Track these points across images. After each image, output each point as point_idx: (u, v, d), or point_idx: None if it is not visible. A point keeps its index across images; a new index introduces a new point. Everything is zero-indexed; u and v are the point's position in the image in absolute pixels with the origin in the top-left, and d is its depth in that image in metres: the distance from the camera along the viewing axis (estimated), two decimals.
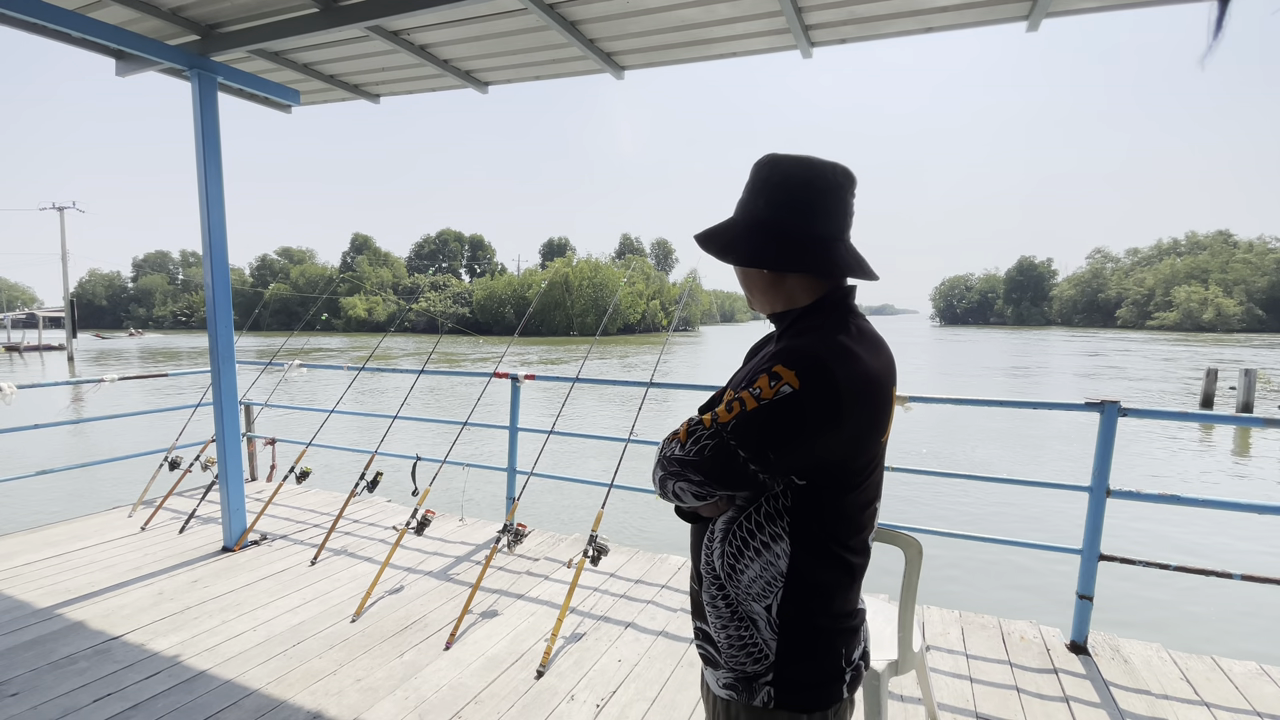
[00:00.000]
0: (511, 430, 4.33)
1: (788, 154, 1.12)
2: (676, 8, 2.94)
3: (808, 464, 1.03)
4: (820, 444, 1.01)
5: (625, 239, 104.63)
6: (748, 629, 1.10)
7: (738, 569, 1.10)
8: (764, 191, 1.10)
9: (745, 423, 1.00)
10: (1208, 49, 0.87)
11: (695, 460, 1.03)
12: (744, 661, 1.11)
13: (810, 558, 1.07)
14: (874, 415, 1.06)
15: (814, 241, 1.08)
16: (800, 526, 1.07)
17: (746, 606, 1.10)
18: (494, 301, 75.71)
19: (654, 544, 7.12)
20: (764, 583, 1.08)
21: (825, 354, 1.01)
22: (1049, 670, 2.74)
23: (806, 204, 1.08)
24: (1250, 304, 77.59)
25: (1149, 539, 7.49)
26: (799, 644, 1.08)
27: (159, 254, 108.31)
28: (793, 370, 0.99)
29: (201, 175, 3.62)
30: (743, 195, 1.15)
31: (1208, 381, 18.19)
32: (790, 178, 1.09)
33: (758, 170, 1.13)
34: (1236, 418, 2.89)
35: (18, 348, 41.81)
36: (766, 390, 1.00)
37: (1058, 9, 2.76)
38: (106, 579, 3.51)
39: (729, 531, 1.11)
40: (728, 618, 1.13)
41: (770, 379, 1.00)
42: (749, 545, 1.09)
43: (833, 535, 1.08)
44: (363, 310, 77.73)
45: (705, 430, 1.03)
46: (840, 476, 1.06)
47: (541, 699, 2.51)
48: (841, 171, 1.11)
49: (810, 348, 1.02)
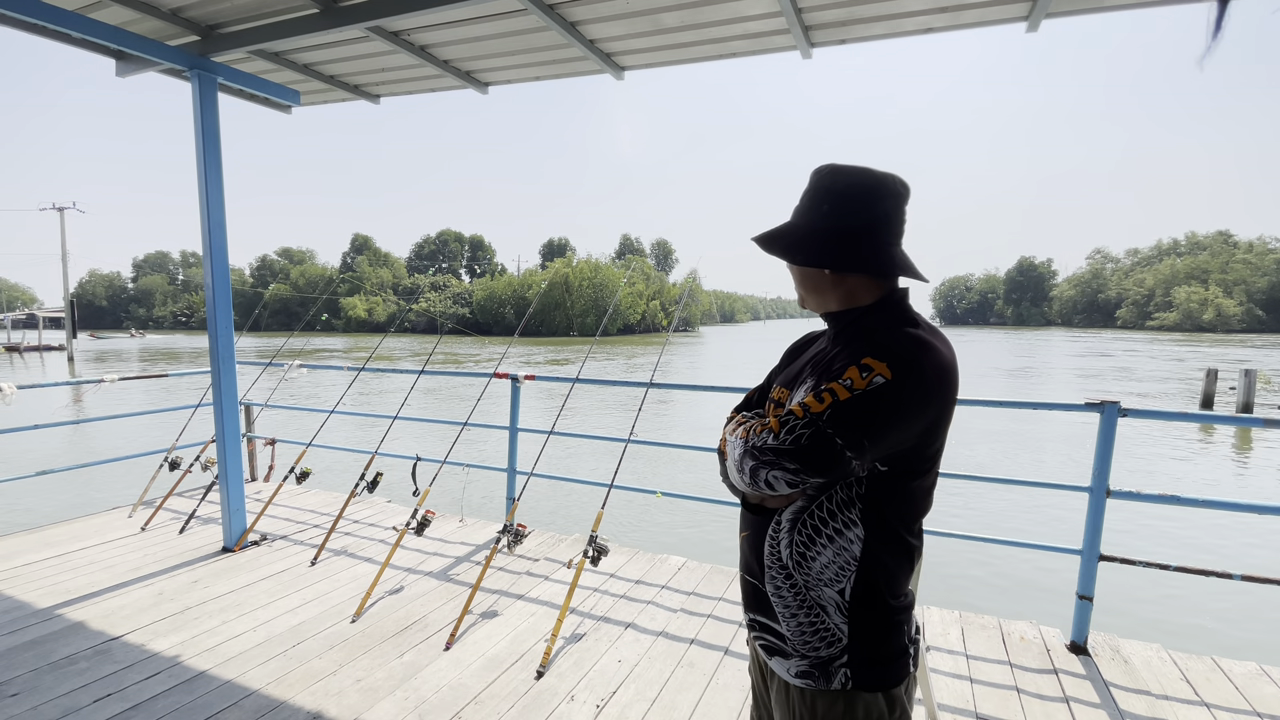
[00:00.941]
0: (511, 430, 4.33)
1: (848, 164, 1.20)
2: (676, 8, 2.94)
3: (894, 450, 1.10)
4: (909, 430, 1.08)
5: (625, 239, 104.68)
6: (817, 615, 1.15)
7: (808, 557, 1.15)
8: (828, 198, 1.18)
9: (841, 411, 1.05)
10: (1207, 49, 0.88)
11: (791, 449, 1.07)
12: (817, 647, 1.15)
13: (881, 543, 1.13)
14: (951, 402, 1.13)
15: (876, 245, 1.17)
16: (872, 512, 1.13)
17: (816, 593, 1.15)
18: (494, 302, 75.72)
19: (654, 544, 7.12)
20: (836, 568, 1.13)
21: (912, 345, 1.09)
22: (1049, 671, 2.74)
23: (870, 210, 1.17)
24: (1250, 304, 77.61)
25: (1149, 539, 7.49)
26: (871, 625, 1.14)
27: (159, 254, 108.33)
28: (884, 361, 1.06)
29: (202, 175, 3.62)
30: (804, 201, 1.23)
31: (1208, 382, 18.20)
32: (855, 185, 1.17)
33: (821, 178, 1.21)
34: (1236, 418, 2.90)
35: (18, 348, 41.81)
36: (859, 381, 1.05)
37: (1058, 9, 2.76)
38: (106, 579, 3.51)
39: (798, 521, 1.16)
40: (795, 606, 1.17)
41: (861, 370, 1.06)
42: (820, 533, 1.14)
43: (901, 520, 1.15)
44: (363, 311, 77.72)
45: (799, 420, 1.07)
46: (916, 462, 1.13)
47: (541, 699, 2.51)
48: (900, 182, 1.19)
49: (897, 340, 1.09)
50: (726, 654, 2.85)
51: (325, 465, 9.81)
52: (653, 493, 3.95)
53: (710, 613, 3.25)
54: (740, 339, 69.28)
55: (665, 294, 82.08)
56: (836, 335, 1.24)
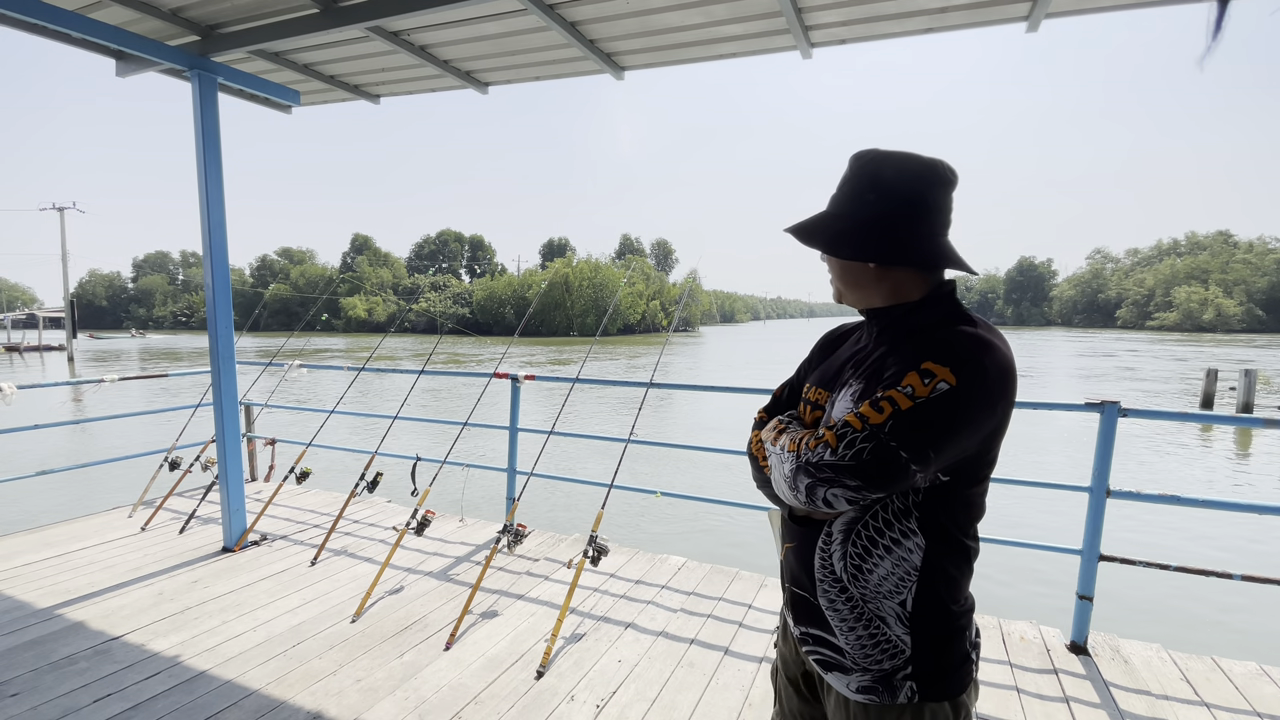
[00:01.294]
0: (511, 430, 4.33)
1: (891, 149, 1.11)
2: (676, 8, 2.94)
3: (958, 458, 1.03)
4: (974, 437, 1.01)
5: (625, 239, 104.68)
6: (877, 627, 1.09)
7: (864, 569, 1.09)
8: (874, 186, 1.10)
9: (903, 422, 0.97)
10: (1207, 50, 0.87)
11: (851, 465, 0.99)
12: (879, 660, 1.09)
13: (941, 550, 1.08)
14: (1013, 404, 1.05)
15: (926, 236, 1.09)
16: (930, 520, 1.07)
17: (874, 606, 1.09)
18: (494, 302, 75.72)
19: (654, 544, 7.12)
20: (896, 579, 1.08)
21: (975, 347, 1.00)
22: (1049, 670, 2.74)
23: (919, 198, 1.08)
24: (1250, 304, 77.59)
25: (1149, 539, 7.49)
26: (934, 635, 1.09)
27: (159, 254, 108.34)
28: (947, 366, 0.98)
29: (202, 176, 3.62)
30: (845, 189, 1.14)
31: (1208, 382, 18.20)
32: (904, 172, 1.08)
33: (865, 164, 1.12)
34: (1236, 418, 2.90)
35: (18, 348, 41.81)
36: (920, 388, 0.98)
37: (1058, 9, 2.76)
38: (106, 579, 3.51)
39: (851, 532, 1.10)
40: (853, 620, 1.11)
41: (922, 376, 0.98)
42: (877, 544, 1.08)
43: (959, 526, 1.09)
44: (363, 311, 77.70)
45: (858, 433, 0.99)
46: (976, 469, 1.07)
47: (541, 699, 2.50)
48: (949, 168, 1.10)
49: (958, 342, 1.01)
50: (726, 654, 2.85)
51: (325, 465, 9.80)
52: (653, 493, 3.95)
53: (710, 613, 3.25)
54: (740, 339, 69.26)
55: (665, 294, 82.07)
56: (880, 333, 1.16)
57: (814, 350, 1.35)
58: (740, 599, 3.38)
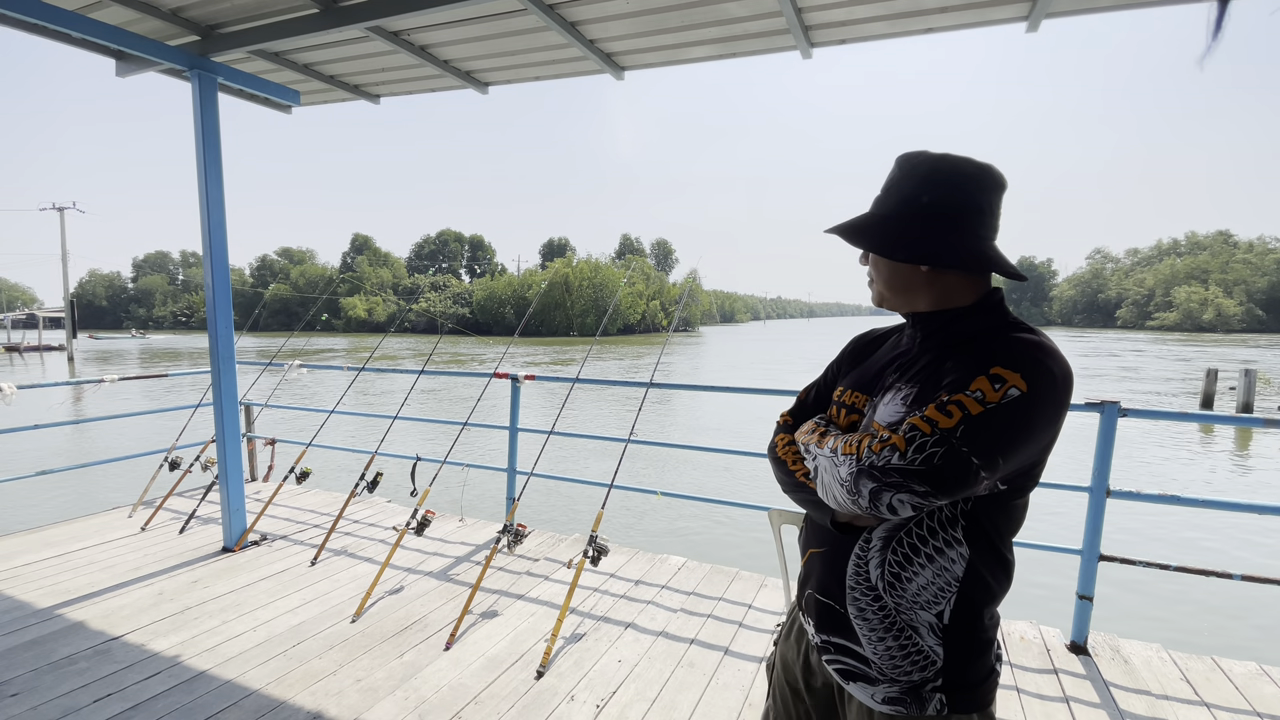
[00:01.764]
0: (511, 431, 4.33)
1: (941, 152, 1.11)
2: (676, 8, 2.94)
3: (1022, 466, 1.01)
4: (1039, 444, 1.00)
5: (625, 239, 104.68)
6: (909, 638, 1.07)
7: (903, 578, 1.07)
8: (927, 188, 1.08)
9: (975, 427, 0.95)
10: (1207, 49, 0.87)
11: (922, 470, 0.95)
12: (909, 671, 1.07)
13: (985, 561, 1.06)
14: (1067, 411, 1.04)
15: (979, 240, 1.08)
16: (975, 530, 1.05)
17: (909, 616, 1.07)
18: (494, 302, 75.70)
19: (654, 544, 7.12)
20: (935, 590, 1.06)
21: (1041, 354, 0.99)
22: (1049, 670, 2.74)
23: (974, 203, 1.08)
24: (1250, 304, 77.60)
25: (1149, 539, 7.49)
26: (967, 647, 1.07)
27: (159, 254, 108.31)
28: (1018, 373, 0.96)
29: (202, 176, 3.62)
30: (894, 190, 1.12)
31: (1208, 382, 18.20)
32: (958, 174, 1.08)
33: (916, 165, 1.11)
34: (1236, 418, 2.90)
35: (18, 348, 41.82)
36: (991, 393, 0.96)
37: (1058, 9, 2.76)
38: (106, 579, 3.51)
39: (892, 539, 1.08)
40: (883, 630, 1.09)
41: (992, 382, 0.97)
42: (919, 553, 1.06)
43: (1002, 536, 1.08)
44: (363, 311, 77.70)
45: (928, 437, 0.96)
46: (1028, 479, 1.05)
47: (541, 699, 2.51)
48: (999, 172, 1.11)
49: (1025, 349, 1.00)
50: (726, 654, 2.85)
51: (325, 465, 9.81)
52: (653, 493, 3.95)
53: (710, 613, 3.25)
54: (740, 339, 69.27)
55: (665, 294, 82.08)
56: (927, 337, 1.13)
57: (845, 353, 1.32)
58: (740, 599, 3.38)
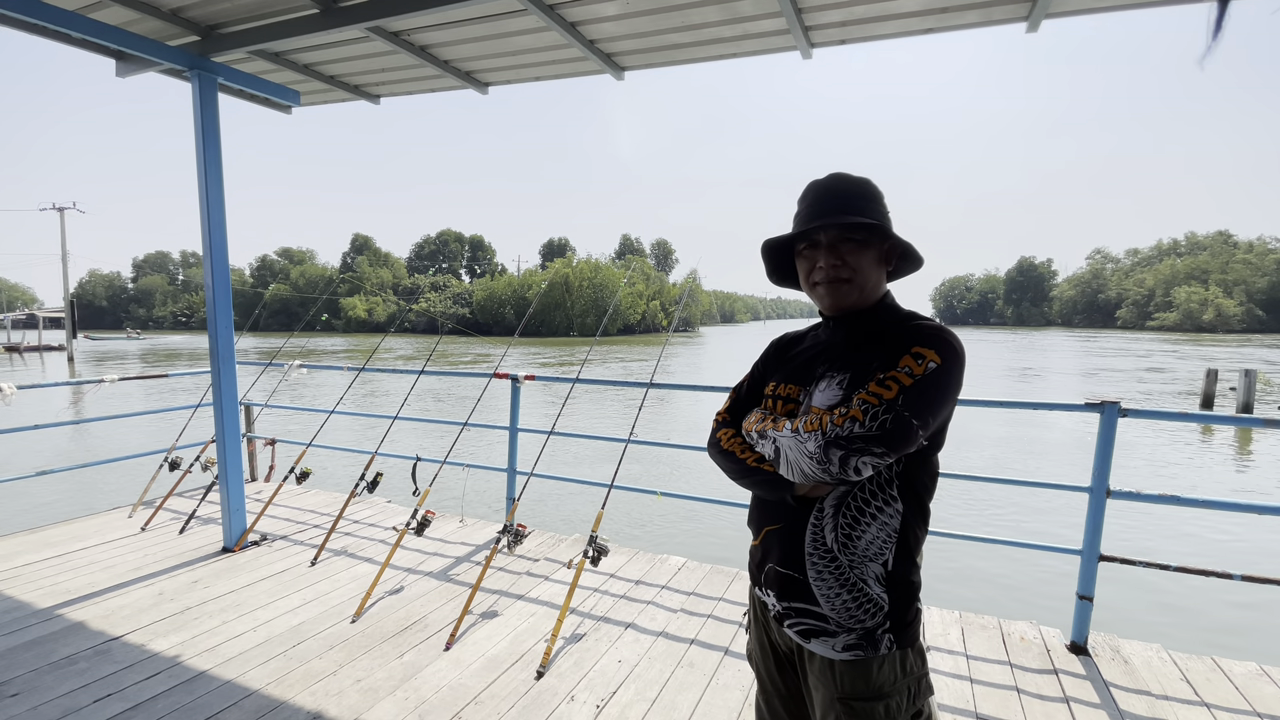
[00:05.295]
0: (511, 431, 4.33)
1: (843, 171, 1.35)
2: (676, 8, 2.94)
3: (941, 424, 1.24)
4: (952, 404, 1.23)
5: (625, 239, 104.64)
6: (860, 590, 1.26)
7: (854, 536, 1.26)
8: (879, 200, 1.32)
9: (910, 395, 1.16)
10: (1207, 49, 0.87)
11: (878, 434, 1.16)
12: (862, 619, 1.25)
13: (914, 513, 1.27)
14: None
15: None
16: (908, 487, 1.26)
17: (859, 570, 1.26)
18: (494, 302, 75.66)
19: (654, 544, 7.12)
20: (880, 543, 1.25)
21: (946, 334, 1.23)
22: (1049, 671, 2.74)
23: (886, 211, 1.33)
24: (1250, 304, 77.56)
25: (1149, 539, 7.49)
26: (903, 591, 1.27)
27: (159, 254, 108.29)
28: (932, 349, 1.19)
29: (202, 176, 3.62)
30: (843, 203, 1.32)
31: (1208, 382, 18.18)
32: (876, 189, 1.33)
33: (866, 182, 1.33)
34: (1236, 418, 2.90)
35: (18, 348, 41.82)
36: (916, 368, 1.18)
37: (1057, 9, 2.76)
38: (106, 579, 3.51)
39: (842, 505, 1.27)
40: (839, 587, 1.27)
41: (915, 359, 1.19)
42: (864, 513, 1.25)
43: (926, 490, 1.29)
44: (363, 311, 77.67)
45: (877, 407, 1.17)
46: (940, 434, 1.28)
47: (541, 699, 2.51)
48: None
49: (934, 330, 1.23)
50: (726, 654, 2.85)
51: (325, 465, 9.81)
52: (653, 493, 3.95)
53: (710, 613, 3.25)
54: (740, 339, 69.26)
55: (665, 294, 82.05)
56: (851, 332, 1.34)
57: (769, 354, 1.53)
58: (740, 599, 3.38)
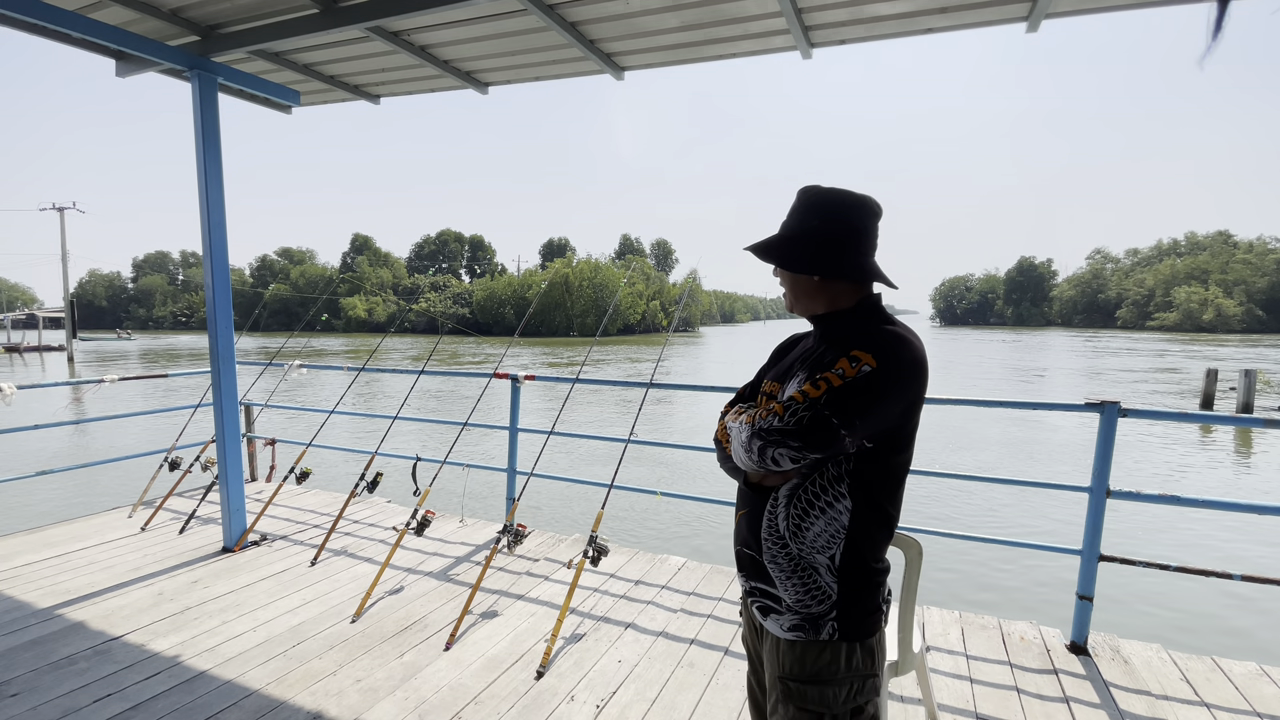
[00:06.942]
0: (511, 431, 4.33)
1: (831, 186, 1.36)
2: (676, 8, 2.94)
3: (878, 429, 1.25)
4: (891, 410, 1.24)
5: (625, 239, 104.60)
6: (811, 577, 1.31)
7: (803, 527, 1.31)
8: (817, 213, 1.35)
9: (835, 395, 1.20)
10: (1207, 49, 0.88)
11: (794, 429, 1.21)
12: (809, 605, 1.31)
13: (866, 512, 1.30)
14: (924, 388, 1.30)
15: (857, 255, 1.34)
16: (859, 486, 1.29)
17: (809, 559, 1.31)
18: (494, 302, 75.63)
19: (654, 544, 7.12)
20: (828, 536, 1.30)
21: (891, 339, 1.25)
22: (1049, 671, 2.74)
23: (852, 225, 1.34)
24: (1250, 304, 77.52)
25: (1149, 539, 7.49)
26: (855, 585, 1.31)
27: (159, 254, 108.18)
28: (869, 352, 1.22)
29: (202, 176, 3.62)
30: (794, 216, 1.38)
31: (1208, 382, 18.18)
32: (840, 203, 1.34)
33: (810, 196, 1.36)
34: (1236, 418, 2.89)
35: (18, 348, 41.80)
36: (849, 370, 1.21)
37: (1057, 9, 2.76)
38: (106, 579, 3.51)
39: (793, 496, 1.32)
40: (790, 571, 1.33)
41: (850, 361, 1.22)
42: (814, 506, 1.30)
43: (882, 492, 1.31)
44: (363, 311, 77.64)
45: (800, 405, 1.22)
46: (895, 440, 1.29)
47: (541, 699, 2.51)
48: (876, 202, 1.37)
49: (879, 335, 1.26)
50: (727, 654, 2.85)
51: (325, 465, 9.81)
52: (653, 493, 3.95)
53: (710, 613, 3.25)
54: (740, 339, 69.25)
55: (665, 294, 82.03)
56: (822, 335, 1.40)
57: (771, 355, 1.60)
58: (740, 599, 3.38)
